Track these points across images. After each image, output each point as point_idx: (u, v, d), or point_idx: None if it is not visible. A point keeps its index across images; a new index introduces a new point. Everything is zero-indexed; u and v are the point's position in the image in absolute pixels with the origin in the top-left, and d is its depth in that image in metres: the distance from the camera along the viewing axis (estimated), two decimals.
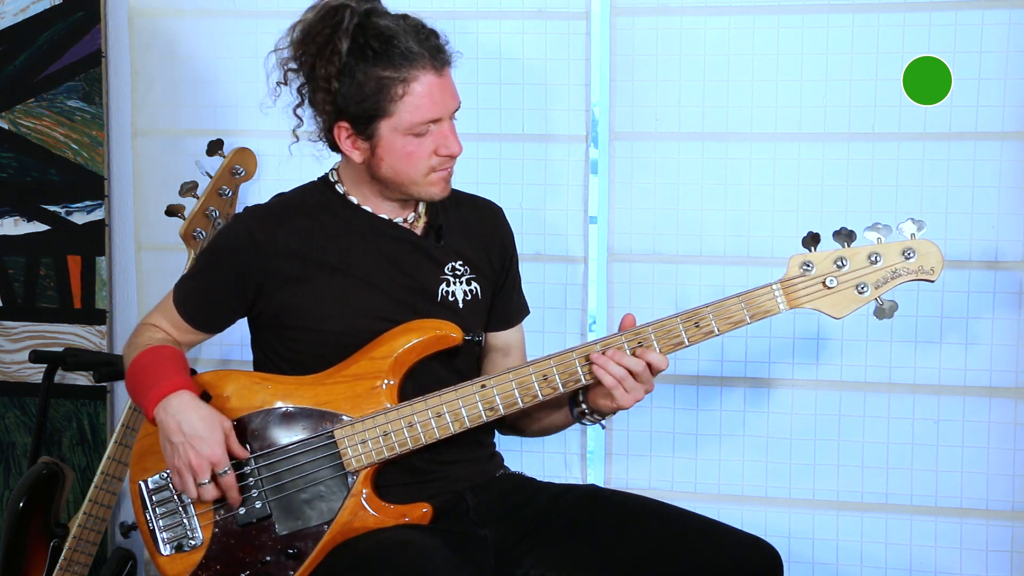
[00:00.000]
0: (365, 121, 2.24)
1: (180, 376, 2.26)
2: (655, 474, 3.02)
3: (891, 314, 2.24)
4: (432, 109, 2.23)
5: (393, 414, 2.25)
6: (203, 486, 2.21)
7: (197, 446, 2.19)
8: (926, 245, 2.24)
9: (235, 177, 2.98)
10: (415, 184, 2.29)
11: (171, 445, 2.21)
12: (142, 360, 2.31)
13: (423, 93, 2.22)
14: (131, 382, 2.33)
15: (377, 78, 2.20)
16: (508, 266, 2.48)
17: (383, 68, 2.19)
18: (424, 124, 2.23)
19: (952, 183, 2.82)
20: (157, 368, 2.28)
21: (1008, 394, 2.85)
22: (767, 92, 2.88)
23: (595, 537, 2.27)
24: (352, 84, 2.21)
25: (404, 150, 2.25)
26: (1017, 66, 2.76)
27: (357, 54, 2.19)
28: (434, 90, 2.22)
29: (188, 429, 2.20)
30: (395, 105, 2.21)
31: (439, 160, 2.28)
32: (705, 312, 2.24)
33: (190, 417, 2.21)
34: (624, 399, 2.23)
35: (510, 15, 2.99)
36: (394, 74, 2.20)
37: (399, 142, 2.24)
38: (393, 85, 2.20)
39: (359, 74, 2.20)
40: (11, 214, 3.35)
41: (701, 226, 2.95)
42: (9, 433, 3.40)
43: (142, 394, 2.26)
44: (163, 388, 2.23)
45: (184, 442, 2.20)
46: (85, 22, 3.25)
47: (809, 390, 2.94)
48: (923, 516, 2.90)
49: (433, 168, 2.28)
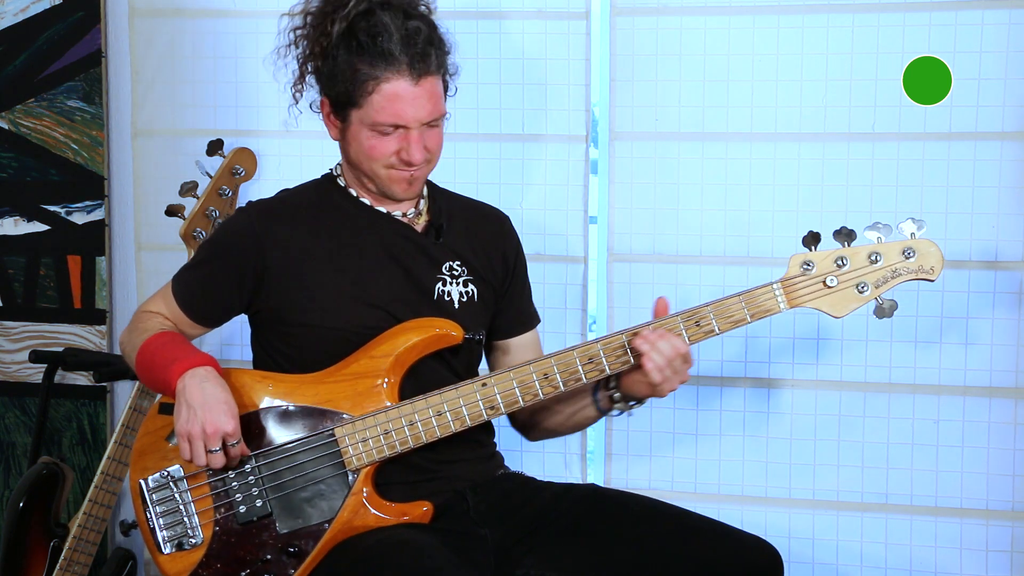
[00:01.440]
0: (340, 105, 2.28)
1: (207, 355, 2.28)
2: (655, 474, 3.02)
3: (891, 313, 2.24)
4: (395, 115, 2.24)
5: (394, 412, 2.25)
6: (213, 453, 2.20)
7: (215, 412, 2.19)
8: (926, 244, 2.24)
9: (235, 177, 2.98)
10: (376, 177, 2.32)
11: (188, 408, 2.20)
12: (162, 339, 2.31)
13: (390, 96, 2.23)
14: (148, 358, 2.30)
15: (353, 69, 2.24)
16: (511, 274, 2.47)
17: (360, 62, 2.23)
18: (387, 126, 2.25)
19: (952, 183, 2.82)
20: (181, 345, 2.29)
21: (1008, 394, 2.85)
22: (767, 92, 2.89)
23: (595, 537, 2.27)
24: (334, 67, 2.25)
25: (367, 142, 2.28)
26: (1017, 66, 2.77)
27: (345, 41, 2.24)
28: (402, 96, 2.24)
29: (210, 397, 2.19)
30: (364, 99, 2.25)
31: (398, 162, 2.29)
32: (705, 311, 2.24)
33: (215, 387, 2.21)
34: (671, 382, 2.23)
35: (510, 15, 2.99)
36: (369, 70, 2.23)
37: (363, 134, 2.27)
38: (366, 80, 2.23)
39: (340, 60, 2.24)
40: (11, 214, 3.35)
41: (701, 226, 2.95)
42: (9, 433, 3.40)
43: (164, 366, 2.25)
44: (193, 359, 2.24)
45: (204, 404, 2.19)
46: (85, 22, 3.25)
47: (809, 390, 2.94)
48: (923, 516, 2.90)
49: (392, 167, 2.29)
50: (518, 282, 2.49)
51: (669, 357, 2.21)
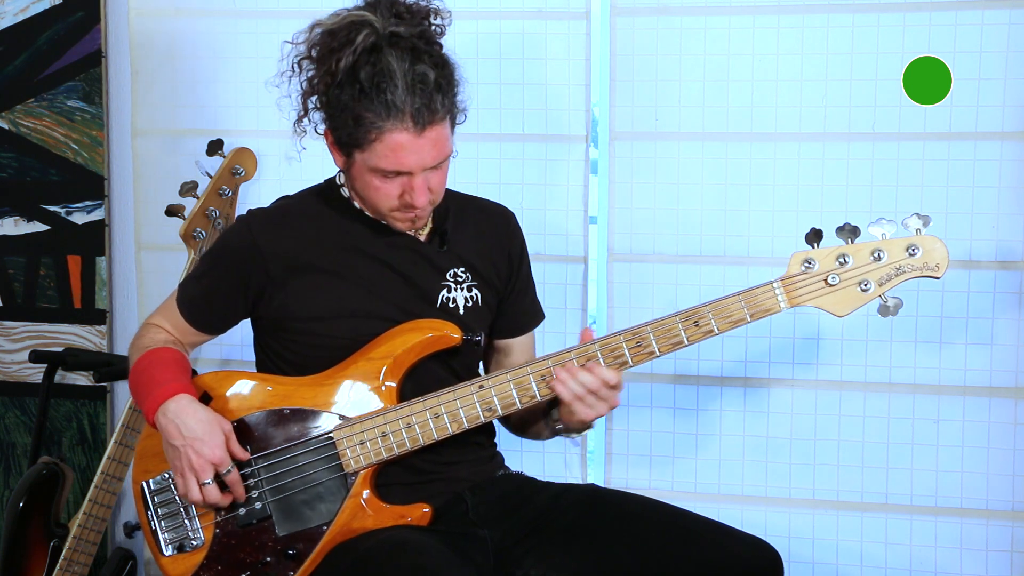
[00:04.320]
0: (343, 144, 2.23)
1: (178, 381, 2.26)
2: (655, 474, 3.02)
3: (896, 312, 2.21)
4: (398, 163, 2.19)
5: (392, 415, 2.25)
6: (206, 487, 2.21)
7: (197, 448, 2.20)
8: (931, 241, 2.22)
9: (235, 177, 2.98)
10: (379, 214, 2.30)
11: (172, 449, 2.22)
12: (142, 364, 2.32)
13: (393, 147, 2.18)
14: (134, 386, 2.34)
15: (356, 115, 2.17)
16: (515, 272, 2.46)
17: (362, 108, 2.17)
18: (390, 172, 2.21)
19: (952, 183, 2.82)
20: (155, 373, 2.28)
21: (1008, 394, 2.85)
22: (767, 92, 2.89)
23: (595, 537, 2.27)
24: (338, 107, 2.19)
25: (371, 184, 2.24)
26: (1017, 66, 2.76)
27: (349, 84, 2.17)
28: (405, 147, 2.18)
29: (187, 432, 2.20)
30: (367, 145, 2.19)
31: (402, 205, 2.25)
32: (704, 311, 2.23)
33: (188, 420, 2.21)
34: (584, 412, 2.23)
35: (510, 15, 2.99)
36: (372, 118, 2.16)
37: (367, 176, 2.23)
38: (369, 129, 2.17)
39: (344, 102, 2.18)
40: (11, 214, 3.35)
41: (701, 226, 2.95)
42: (9, 433, 3.40)
43: (142, 400, 2.27)
44: (161, 393, 2.23)
45: (185, 445, 2.20)
46: (85, 22, 3.25)
47: (809, 390, 2.94)
48: (923, 516, 2.90)
49: (396, 208, 2.26)
50: (521, 282, 2.48)
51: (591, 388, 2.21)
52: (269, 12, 3.11)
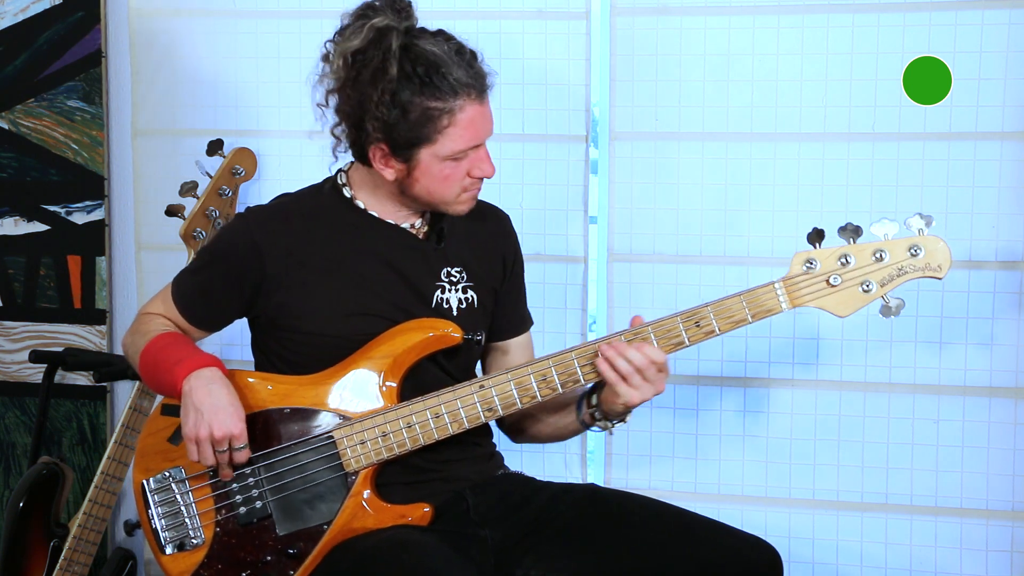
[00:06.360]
0: (406, 146, 2.22)
1: (211, 356, 2.27)
2: (655, 474, 3.02)
3: (898, 312, 2.21)
4: (474, 137, 2.23)
5: (392, 415, 2.25)
6: (221, 453, 2.21)
7: (222, 417, 2.19)
8: (933, 241, 2.22)
9: (235, 177, 2.99)
10: (446, 203, 2.30)
11: (196, 412, 2.20)
12: (164, 340, 2.31)
13: (467, 123, 2.21)
14: (151, 360, 2.31)
15: (423, 108, 2.18)
16: (508, 275, 2.47)
17: (429, 99, 2.18)
18: (464, 151, 2.24)
19: (952, 183, 2.82)
20: (184, 346, 2.29)
21: (1008, 394, 2.85)
22: (767, 92, 2.89)
23: (595, 537, 2.27)
24: (398, 111, 2.18)
25: (441, 174, 2.25)
26: (1017, 66, 2.76)
27: (404, 80, 2.17)
28: (476, 119, 2.22)
29: (217, 400, 2.20)
30: (438, 135, 2.20)
31: (471, 181, 2.28)
32: (706, 311, 2.23)
33: (220, 390, 2.21)
34: (629, 394, 2.21)
35: (510, 15, 2.99)
36: (441, 105, 2.18)
37: (437, 167, 2.24)
38: (439, 116, 2.19)
39: (405, 101, 2.18)
40: (11, 214, 3.35)
41: (701, 226, 2.95)
42: (9, 433, 3.40)
43: (168, 368, 2.26)
44: (197, 360, 2.24)
45: (211, 408, 2.19)
46: (85, 22, 3.25)
47: (809, 390, 2.94)
48: (923, 516, 2.90)
49: (465, 188, 2.28)
50: (514, 285, 2.49)
51: (639, 366, 2.19)
52: (269, 12, 3.11)
